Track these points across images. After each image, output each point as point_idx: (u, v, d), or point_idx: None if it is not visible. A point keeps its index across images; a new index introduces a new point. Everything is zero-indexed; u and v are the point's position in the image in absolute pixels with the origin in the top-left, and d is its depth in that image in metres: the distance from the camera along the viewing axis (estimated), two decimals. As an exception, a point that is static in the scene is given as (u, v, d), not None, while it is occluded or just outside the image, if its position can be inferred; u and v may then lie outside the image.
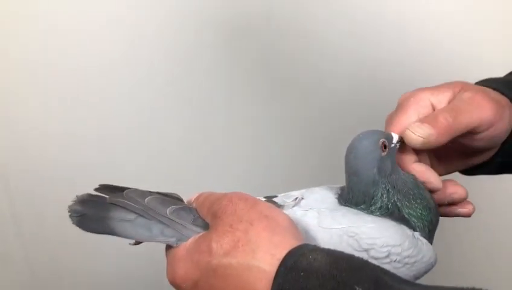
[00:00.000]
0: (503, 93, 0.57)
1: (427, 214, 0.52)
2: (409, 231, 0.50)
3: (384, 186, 0.51)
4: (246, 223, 0.45)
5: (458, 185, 0.56)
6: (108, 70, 0.96)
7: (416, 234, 0.51)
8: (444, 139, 0.52)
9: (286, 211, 0.52)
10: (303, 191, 0.56)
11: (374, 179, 0.51)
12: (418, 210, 0.52)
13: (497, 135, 0.55)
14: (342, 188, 0.55)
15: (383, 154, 0.51)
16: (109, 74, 0.97)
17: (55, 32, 0.94)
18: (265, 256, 0.43)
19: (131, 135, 1.00)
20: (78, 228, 0.47)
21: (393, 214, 0.51)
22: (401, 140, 0.53)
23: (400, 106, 0.56)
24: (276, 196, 0.55)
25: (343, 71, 0.99)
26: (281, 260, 0.43)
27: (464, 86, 0.56)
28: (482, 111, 0.54)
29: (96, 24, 0.95)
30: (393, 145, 0.53)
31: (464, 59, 0.93)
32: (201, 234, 0.48)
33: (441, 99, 0.55)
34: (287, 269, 0.42)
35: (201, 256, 0.45)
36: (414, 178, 0.53)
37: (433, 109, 0.55)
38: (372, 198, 0.51)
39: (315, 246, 0.44)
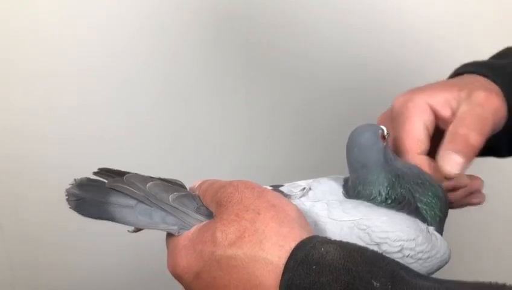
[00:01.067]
0: (493, 80, 0.56)
1: (437, 202, 0.50)
2: (423, 225, 0.48)
3: (394, 173, 0.49)
4: (253, 212, 0.43)
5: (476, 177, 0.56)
6: (99, 67, 0.95)
7: (431, 228, 0.48)
8: (471, 161, 0.52)
9: (294, 202, 0.50)
10: (310, 181, 0.53)
11: (383, 167, 0.49)
12: (429, 197, 0.50)
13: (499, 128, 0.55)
14: (345, 180, 0.52)
15: (384, 144, 0.50)
16: (100, 70, 0.95)
17: (46, 32, 0.92)
18: (273, 247, 0.41)
19: (123, 125, 0.98)
20: (75, 212, 0.45)
21: (406, 206, 0.49)
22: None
23: (401, 115, 0.55)
24: (282, 185, 0.53)
25: (340, 60, 0.98)
26: (290, 252, 0.40)
27: (462, 87, 0.54)
28: (499, 114, 0.53)
29: (87, 24, 0.93)
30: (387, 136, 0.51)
31: (458, 48, 0.92)
32: (205, 222, 0.45)
33: (439, 100, 0.54)
34: (297, 262, 0.39)
35: (205, 246, 0.43)
36: (417, 166, 0.52)
37: (433, 111, 0.54)
38: (386, 187, 0.49)
39: (326, 238, 0.42)
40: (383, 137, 0.50)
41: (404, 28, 0.97)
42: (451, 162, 0.51)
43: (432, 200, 0.50)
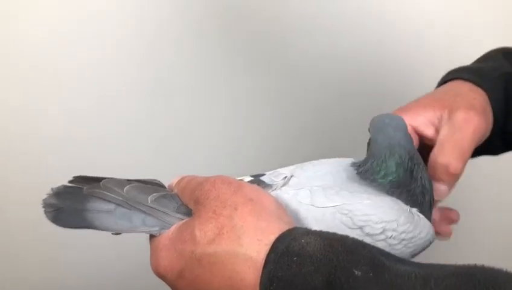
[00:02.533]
0: (479, 85, 0.57)
1: (430, 189, 0.50)
2: (405, 207, 0.48)
3: (415, 165, 0.50)
4: (230, 208, 0.42)
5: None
6: (97, 64, 0.94)
7: (414, 209, 0.48)
8: (455, 183, 0.54)
9: (275, 192, 0.50)
10: (292, 167, 0.53)
11: (408, 152, 0.49)
12: (427, 181, 0.50)
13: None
14: (354, 166, 0.52)
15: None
16: (97, 68, 0.95)
17: (36, 32, 0.91)
18: (252, 242, 0.41)
19: (116, 118, 0.97)
20: (53, 224, 0.45)
21: (396, 188, 0.48)
22: None
23: None
24: (263, 174, 0.52)
25: (336, 52, 0.97)
26: (269, 246, 0.40)
27: (445, 104, 0.55)
28: (481, 132, 0.54)
29: (74, 22, 0.92)
30: None
31: (461, 49, 0.90)
32: (184, 221, 0.45)
33: (422, 121, 0.55)
34: (278, 255, 0.39)
35: (185, 245, 0.43)
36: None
37: (417, 132, 0.55)
38: (399, 168, 0.49)
39: (306, 229, 0.42)
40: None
41: (405, 27, 0.96)
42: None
43: (429, 185, 0.51)
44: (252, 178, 0.52)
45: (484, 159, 0.63)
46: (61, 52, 0.92)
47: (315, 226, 0.45)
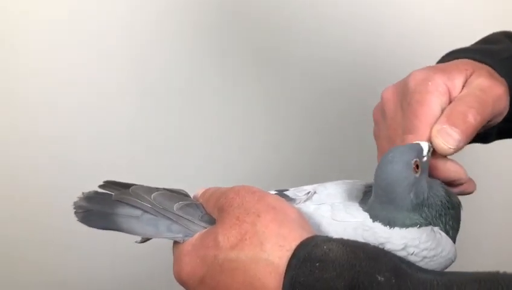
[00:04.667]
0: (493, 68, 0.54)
1: (456, 223, 0.50)
2: (428, 226, 0.48)
3: (420, 213, 0.48)
4: (253, 215, 0.43)
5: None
6: (95, 68, 0.95)
7: (436, 228, 0.48)
8: (469, 140, 0.49)
9: (298, 205, 0.50)
10: (315, 185, 0.54)
11: (411, 206, 0.47)
12: (449, 222, 0.49)
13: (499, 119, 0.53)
14: (366, 187, 0.52)
15: (417, 175, 0.47)
16: (98, 73, 0.95)
17: (31, 32, 0.92)
18: (274, 248, 0.41)
19: (126, 133, 0.98)
20: (83, 224, 0.46)
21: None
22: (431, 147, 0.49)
23: (419, 94, 0.51)
24: (287, 190, 0.53)
25: (346, 59, 0.97)
26: (291, 252, 0.41)
27: (474, 69, 0.52)
28: (501, 103, 0.51)
29: (70, 22, 0.94)
30: (424, 159, 0.48)
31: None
32: (207, 229, 0.46)
33: (456, 85, 0.51)
34: (300, 261, 0.40)
35: (208, 251, 0.44)
36: (443, 187, 0.50)
37: (449, 94, 0.51)
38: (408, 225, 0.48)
39: (327, 236, 0.43)
40: (417, 167, 0.47)
41: (409, 28, 0.97)
42: (447, 137, 0.48)
43: (454, 224, 0.49)
44: (276, 192, 0.53)
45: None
46: (53, 53, 0.92)
47: (337, 240, 0.45)
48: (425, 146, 0.49)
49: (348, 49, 0.97)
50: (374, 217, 0.48)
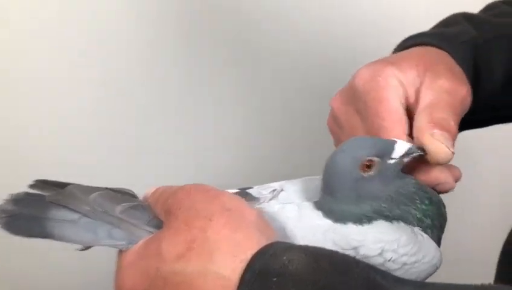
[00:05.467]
0: (451, 54, 0.49)
1: (437, 221, 0.43)
2: (407, 226, 0.42)
3: (370, 208, 0.42)
4: (204, 219, 0.37)
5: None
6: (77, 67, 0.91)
7: (417, 228, 0.42)
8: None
9: (261, 205, 0.44)
10: (283, 182, 0.48)
11: (353, 202, 0.42)
12: (426, 220, 0.43)
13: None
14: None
15: (366, 174, 0.42)
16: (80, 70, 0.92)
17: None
18: (225, 259, 0.35)
19: (101, 131, 0.93)
20: (5, 231, 0.40)
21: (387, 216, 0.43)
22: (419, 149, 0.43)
23: (370, 93, 0.45)
24: (251, 188, 0.47)
25: (323, 57, 0.94)
26: (245, 263, 0.35)
27: (427, 64, 0.47)
28: (466, 104, 0.47)
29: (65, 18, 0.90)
30: (392, 161, 0.42)
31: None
32: (153, 235, 0.40)
33: (409, 77, 0.46)
34: (255, 275, 0.34)
35: (151, 261, 0.37)
36: (416, 183, 0.44)
37: (404, 88, 0.46)
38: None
39: (289, 243, 0.37)
40: (366, 166, 0.42)
41: (395, 29, 0.93)
42: (447, 141, 0.42)
43: (428, 209, 0.43)
44: (238, 190, 0.47)
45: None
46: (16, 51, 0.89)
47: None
48: (402, 147, 0.43)
49: (322, 46, 0.94)
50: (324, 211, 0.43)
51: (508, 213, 0.98)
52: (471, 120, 0.49)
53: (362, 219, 0.42)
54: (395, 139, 0.43)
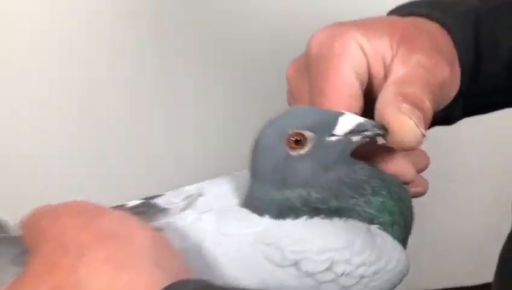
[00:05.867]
0: (446, 28, 0.39)
1: (399, 217, 0.33)
2: (359, 224, 0.32)
3: (298, 198, 0.32)
4: (74, 254, 0.27)
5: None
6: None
7: (373, 227, 0.32)
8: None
9: (170, 219, 0.34)
10: (203, 183, 0.37)
11: (277, 184, 0.32)
12: (379, 203, 0.33)
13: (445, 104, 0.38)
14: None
15: (294, 153, 0.32)
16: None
17: None
18: None
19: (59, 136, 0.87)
20: None
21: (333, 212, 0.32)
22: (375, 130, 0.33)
23: (322, 60, 0.36)
24: (161, 195, 0.37)
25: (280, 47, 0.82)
26: None
27: (406, 35, 0.37)
28: (447, 87, 0.37)
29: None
30: (333, 138, 0.32)
31: None
32: (14, 279, 0.29)
33: (377, 49, 0.36)
34: None
35: None
36: (365, 165, 0.34)
37: (366, 58, 0.36)
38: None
39: (195, 282, 0.26)
40: (295, 142, 0.32)
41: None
42: (415, 117, 0.32)
43: (386, 202, 0.33)
44: (143, 201, 0.36)
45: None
46: None
47: (228, 267, 0.31)
48: (350, 121, 0.32)
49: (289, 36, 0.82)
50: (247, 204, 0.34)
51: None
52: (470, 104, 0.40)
53: (285, 211, 0.32)
54: (342, 111, 0.33)
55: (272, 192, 0.32)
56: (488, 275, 0.54)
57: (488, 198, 0.94)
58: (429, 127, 0.34)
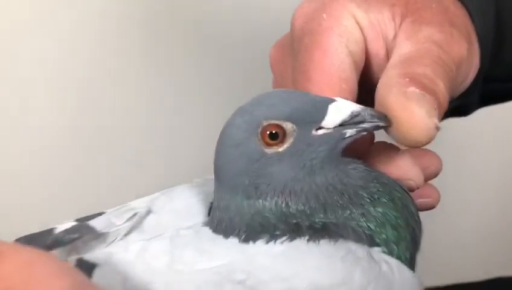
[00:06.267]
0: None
1: (396, 216, 0.25)
2: (357, 249, 0.24)
3: (274, 212, 0.25)
4: None
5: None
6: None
7: (376, 250, 0.24)
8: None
9: (109, 248, 0.26)
10: (155, 195, 0.29)
11: (246, 196, 0.25)
12: (378, 212, 0.25)
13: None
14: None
15: (270, 150, 0.25)
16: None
17: None
18: None
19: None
20: None
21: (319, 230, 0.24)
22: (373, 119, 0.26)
23: (307, 36, 0.30)
24: (101, 214, 0.29)
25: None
26: None
27: (410, 9, 0.30)
28: (464, 68, 0.30)
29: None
30: (321, 132, 0.25)
31: None
32: None
33: (376, 22, 0.29)
34: None
35: None
36: (361, 165, 0.27)
37: (362, 33, 0.29)
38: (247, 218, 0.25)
39: None
40: (270, 136, 0.25)
41: None
42: (427, 105, 0.25)
43: (387, 212, 0.25)
44: (75, 223, 0.28)
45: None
46: None
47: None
48: (343, 109, 0.25)
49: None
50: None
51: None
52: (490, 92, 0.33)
53: (257, 231, 0.25)
54: (333, 98, 0.26)
55: (240, 202, 0.25)
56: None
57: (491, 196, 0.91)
58: (442, 119, 0.27)
